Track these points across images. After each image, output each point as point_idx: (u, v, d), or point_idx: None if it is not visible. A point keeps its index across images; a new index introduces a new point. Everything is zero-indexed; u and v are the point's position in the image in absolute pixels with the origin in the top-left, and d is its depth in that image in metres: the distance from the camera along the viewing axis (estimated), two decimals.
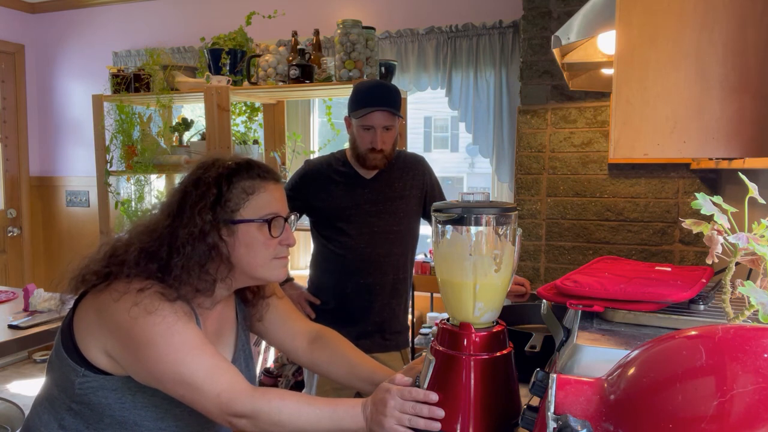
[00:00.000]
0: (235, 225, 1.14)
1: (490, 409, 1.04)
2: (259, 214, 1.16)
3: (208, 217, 1.12)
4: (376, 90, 2.02)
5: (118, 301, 1.08)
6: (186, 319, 1.09)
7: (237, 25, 3.28)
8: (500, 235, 1.10)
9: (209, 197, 1.13)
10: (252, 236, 1.15)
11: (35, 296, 2.40)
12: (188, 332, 1.08)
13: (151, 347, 1.05)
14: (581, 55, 1.58)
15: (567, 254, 2.82)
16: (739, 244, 0.88)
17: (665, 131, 0.92)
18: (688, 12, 0.90)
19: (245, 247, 1.15)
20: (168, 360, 1.05)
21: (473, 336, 1.06)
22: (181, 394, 1.06)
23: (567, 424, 0.68)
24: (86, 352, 1.12)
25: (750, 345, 0.64)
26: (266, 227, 1.15)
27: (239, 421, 1.04)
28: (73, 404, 1.15)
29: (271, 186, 1.19)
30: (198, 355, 1.06)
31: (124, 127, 3.33)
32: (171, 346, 1.05)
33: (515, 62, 3.18)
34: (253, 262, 1.16)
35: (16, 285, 4.21)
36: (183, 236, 1.11)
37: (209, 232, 1.12)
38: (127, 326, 1.07)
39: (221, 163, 1.18)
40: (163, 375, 1.06)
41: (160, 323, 1.06)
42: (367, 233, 2.08)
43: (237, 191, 1.15)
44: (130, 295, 1.08)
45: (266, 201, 1.17)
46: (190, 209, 1.13)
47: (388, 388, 1.05)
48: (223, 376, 1.06)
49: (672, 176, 2.64)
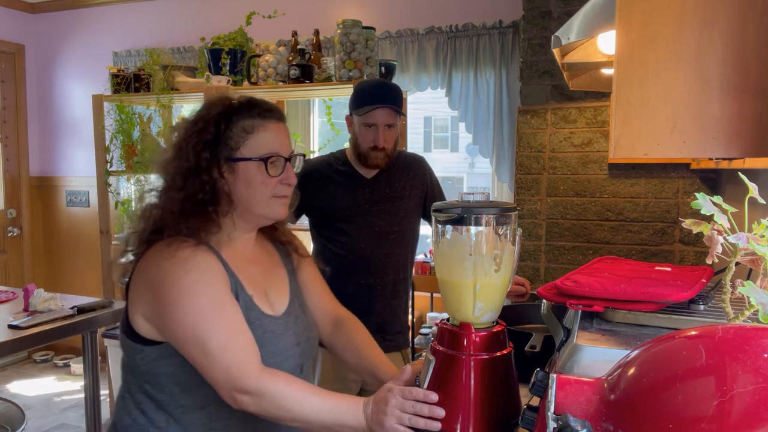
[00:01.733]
0: (235, 163, 1.16)
1: (490, 409, 1.04)
2: (258, 153, 1.17)
3: (204, 155, 1.15)
4: (379, 88, 2.03)
5: (148, 259, 1.14)
6: (212, 277, 1.11)
7: (237, 25, 3.28)
8: (500, 235, 1.10)
9: (206, 135, 1.16)
10: (251, 174, 1.17)
11: (35, 296, 2.40)
12: (212, 293, 1.09)
13: (174, 306, 1.08)
14: (581, 55, 1.58)
15: (567, 254, 2.82)
16: (739, 244, 0.88)
17: (665, 131, 0.92)
18: (688, 12, 0.90)
19: (244, 184, 1.17)
20: (187, 321, 1.07)
21: (473, 336, 1.06)
22: (194, 357, 1.08)
23: (567, 424, 0.68)
24: (135, 325, 1.15)
25: (750, 345, 0.64)
26: (264, 166, 1.17)
27: (243, 398, 1.05)
28: (145, 384, 1.17)
29: (272, 125, 1.21)
30: (217, 321, 1.07)
31: (124, 127, 3.33)
32: (193, 306, 1.07)
33: (515, 62, 3.18)
34: (252, 199, 1.18)
35: (16, 285, 4.21)
36: (184, 171, 1.15)
37: (205, 169, 1.15)
38: (156, 282, 1.11)
39: (224, 102, 1.20)
40: (183, 334, 1.08)
41: (185, 279, 1.08)
42: (368, 233, 2.07)
43: (237, 130, 1.17)
44: (157, 250, 1.12)
45: (266, 140, 1.18)
46: (185, 145, 1.17)
47: (390, 388, 1.05)
48: (237, 349, 1.07)
49: (672, 176, 2.64)
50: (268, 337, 1.18)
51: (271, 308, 1.23)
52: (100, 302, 2.47)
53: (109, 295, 3.39)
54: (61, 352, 4.49)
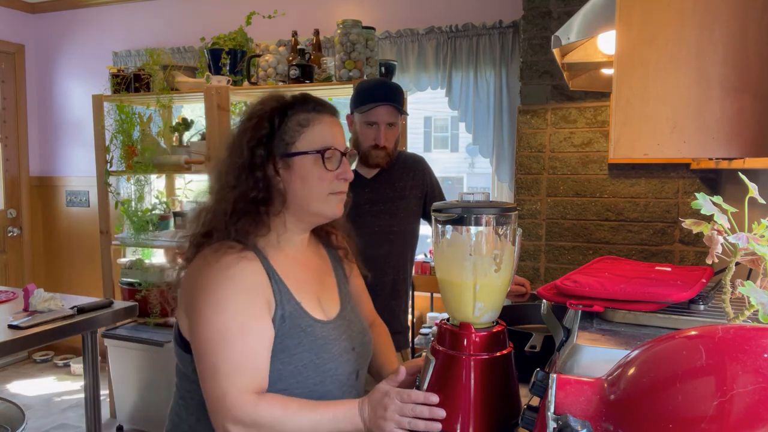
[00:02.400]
0: (291, 158, 1.13)
1: (490, 409, 1.04)
2: (314, 147, 1.14)
3: (259, 151, 1.12)
4: (381, 86, 2.04)
5: (194, 264, 1.12)
6: (248, 291, 1.08)
7: (237, 25, 3.28)
8: (500, 235, 1.10)
9: (261, 131, 1.13)
10: (307, 169, 1.14)
11: (35, 296, 2.40)
12: (241, 310, 1.06)
13: (201, 315, 1.06)
14: (581, 55, 1.58)
15: (567, 254, 2.82)
16: (739, 244, 0.88)
17: (665, 131, 0.92)
18: (688, 12, 0.90)
19: (300, 180, 1.14)
20: (207, 334, 1.05)
21: (473, 336, 1.06)
22: (201, 369, 1.06)
23: (567, 424, 0.68)
24: (183, 333, 1.14)
25: (750, 345, 0.64)
26: (321, 160, 1.14)
27: (235, 428, 1.02)
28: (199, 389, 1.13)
29: (327, 119, 1.18)
30: (234, 342, 1.04)
31: (124, 127, 3.33)
32: (217, 320, 1.05)
33: (515, 62, 3.18)
34: (308, 195, 1.15)
35: (16, 285, 4.21)
36: (238, 167, 1.13)
37: (264, 165, 1.12)
38: (195, 285, 1.09)
39: (277, 98, 1.18)
40: (199, 344, 1.06)
41: (220, 290, 1.06)
42: (367, 233, 2.07)
43: (292, 124, 1.14)
44: (203, 255, 1.11)
45: (321, 133, 1.16)
46: (241, 142, 1.14)
47: (386, 391, 1.05)
48: (243, 375, 1.04)
49: (672, 176, 2.64)
50: (321, 344, 1.14)
51: (323, 313, 1.19)
52: (100, 302, 2.47)
53: (109, 295, 3.39)
54: (61, 352, 4.49)
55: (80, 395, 3.68)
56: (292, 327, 1.12)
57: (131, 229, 3.36)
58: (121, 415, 3.42)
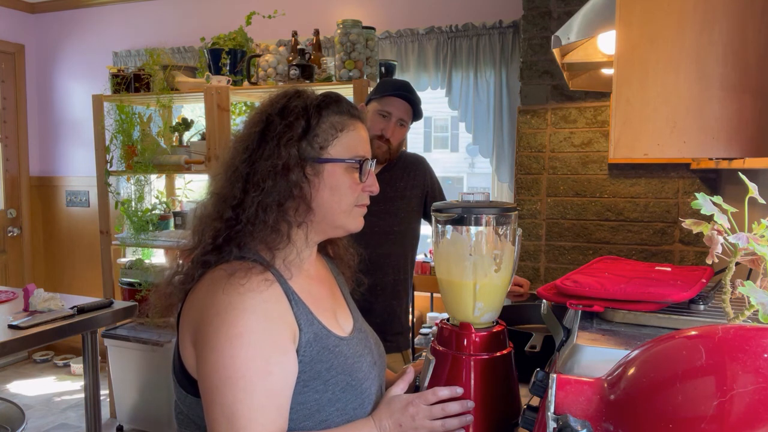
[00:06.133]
0: (322, 164, 1.01)
1: (490, 409, 1.04)
2: (349, 154, 1.03)
3: (293, 151, 0.98)
4: (407, 85, 2.12)
5: (204, 288, 0.96)
6: (273, 323, 0.93)
7: (237, 25, 3.28)
8: (500, 235, 1.10)
9: (297, 128, 1.00)
10: (338, 178, 1.02)
11: (35, 296, 2.40)
12: (265, 347, 0.91)
13: (215, 349, 0.90)
14: (581, 55, 1.58)
15: (567, 254, 2.82)
16: (739, 244, 0.88)
17: (665, 131, 0.92)
18: (688, 12, 0.90)
19: (330, 189, 1.02)
20: (224, 372, 0.89)
21: (473, 336, 1.06)
22: (211, 410, 0.90)
23: (567, 424, 0.68)
24: (187, 367, 0.98)
25: (750, 345, 0.64)
26: (355, 170, 1.03)
27: None
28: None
29: (360, 125, 1.07)
30: (256, 383, 0.89)
31: (124, 127, 3.33)
32: (237, 357, 0.89)
33: (515, 62, 3.18)
34: (336, 207, 1.03)
35: (16, 285, 4.22)
36: (264, 170, 0.97)
37: (293, 168, 0.98)
38: (209, 313, 0.93)
39: (308, 94, 1.06)
40: (212, 383, 0.90)
41: (241, 322, 0.90)
42: (368, 233, 2.06)
43: (326, 126, 1.02)
44: (216, 279, 0.95)
45: (356, 141, 1.05)
46: (274, 140, 0.99)
47: (408, 401, 1.00)
48: (264, 419, 0.89)
49: (672, 176, 2.64)
50: (351, 363, 1.03)
51: (341, 329, 1.07)
52: (100, 302, 2.47)
53: (109, 295, 3.39)
54: (61, 352, 4.49)
55: (80, 395, 3.68)
56: (320, 350, 0.99)
57: (131, 229, 3.36)
58: (121, 415, 3.42)
